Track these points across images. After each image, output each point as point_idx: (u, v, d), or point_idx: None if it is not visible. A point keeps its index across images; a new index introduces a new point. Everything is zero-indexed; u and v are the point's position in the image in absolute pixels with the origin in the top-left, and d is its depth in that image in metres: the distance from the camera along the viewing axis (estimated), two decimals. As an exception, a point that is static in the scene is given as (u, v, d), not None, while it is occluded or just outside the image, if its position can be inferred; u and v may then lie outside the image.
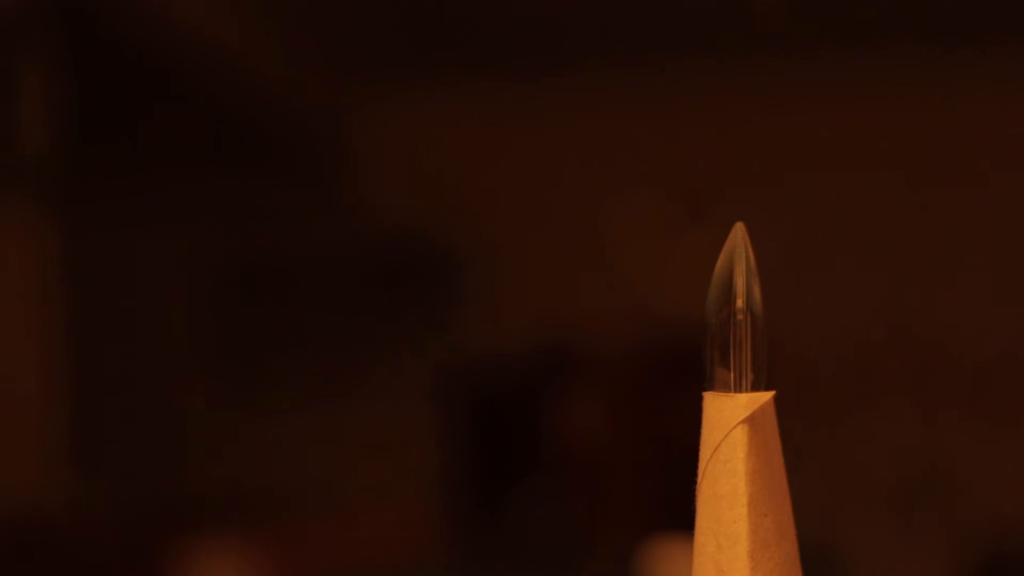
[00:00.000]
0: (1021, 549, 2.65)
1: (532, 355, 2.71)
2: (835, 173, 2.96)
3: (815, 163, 2.97)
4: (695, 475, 0.45)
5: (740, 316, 0.45)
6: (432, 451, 2.76)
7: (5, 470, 2.57)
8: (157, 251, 3.13)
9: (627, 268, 2.95)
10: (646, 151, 3.01)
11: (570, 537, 2.46)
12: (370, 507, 2.73)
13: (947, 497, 2.86)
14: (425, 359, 2.95)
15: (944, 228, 2.92)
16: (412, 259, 3.08)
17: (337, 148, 3.11)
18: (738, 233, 0.46)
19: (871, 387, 2.93)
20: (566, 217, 3.02)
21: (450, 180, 3.07)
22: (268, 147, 3.09)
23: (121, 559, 2.21)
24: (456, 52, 2.97)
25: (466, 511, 2.62)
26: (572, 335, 2.72)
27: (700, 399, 0.45)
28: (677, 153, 3.00)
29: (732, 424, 0.44)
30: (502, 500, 2.58)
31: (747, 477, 0.44)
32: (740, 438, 0.44)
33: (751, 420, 0.44)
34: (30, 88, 2.43)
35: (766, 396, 0.44)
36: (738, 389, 0.45)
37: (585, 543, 2.44)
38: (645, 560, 1.37)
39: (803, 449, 2.63)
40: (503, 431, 2.66)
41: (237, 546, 2.24)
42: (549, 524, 2.50)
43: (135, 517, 2.56)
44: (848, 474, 2.90)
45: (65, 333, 2.77)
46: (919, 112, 2.91)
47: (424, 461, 2.79)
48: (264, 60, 2.86)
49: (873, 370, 2.92)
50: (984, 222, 2.91)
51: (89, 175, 2.94)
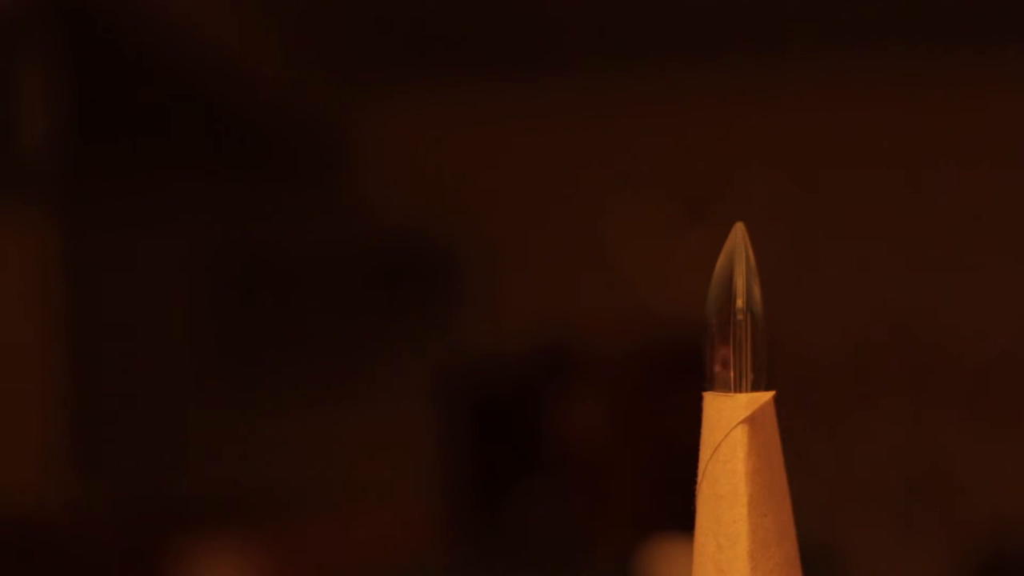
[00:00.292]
0: (1021, 549, 2.65)
1: (532, 355, 2.71)
2: (835, 173, 2.96)
3: (815, 163, 2.97)
4: (695, 475, 0.45)
5: (740, 316, 0.45)
6: (432, 451, 2.76)
7: (5, 470, 2.57)
8: (157, 251, 3.13)
9: (627, 268, 2.95)
10: (646, 151, 3.01)
11: (570, 537, 2.47)
12: (370, 507, 2.73)
13: (947, 497, 2.86)
14: (425, 359, 2.95)
15: (944, 228, 2.92)
16: (412, 259, 3.08)
17: (337, 148, 3.11)
18: (738, 233, 0.46)
19: (871, 387, 2.92)
20: (566, 217, 3.02)
21: (450, 180, 3.07)
22: (268, 147, 3.09)
23: (121, 559, 2.21)
24: (456, 52, 2.97)
25: (466, 511, 2.62)
26: (572, 335, 2.72)
27: (700, 399, 0.45)
28: (677, 153, 3.00)
29: (732, 424, 0.44)
30: (502, 500, 2.58)
31: (747, 477, 0.44)
32: (740, 438, 0.44)
33: (751, 420, 0.44)
34: (30, 88, 2.43)
35: (766, 396, 0.45)
36: (738, 389, 0.45)
37: (585, 543, 2.44)
38: (645, 560, 1.37)
39: (803, 449, 2.63)
40: (503, 431, 2.66)
41: (237, 546, 2.24)
42: (549, 524, 2.50)
43: (135, 517, 2.56)
44: (848, 474, 2.90)
45: (65, 333, 2.77)
46: (919, 112, 2.91)
47: (424, 461, 2.79)
48: (264, 60, 2.86)
49: (873, 370, 2.92)
50: (984, 222, 2.91)
51: (89, 175, 2.93)
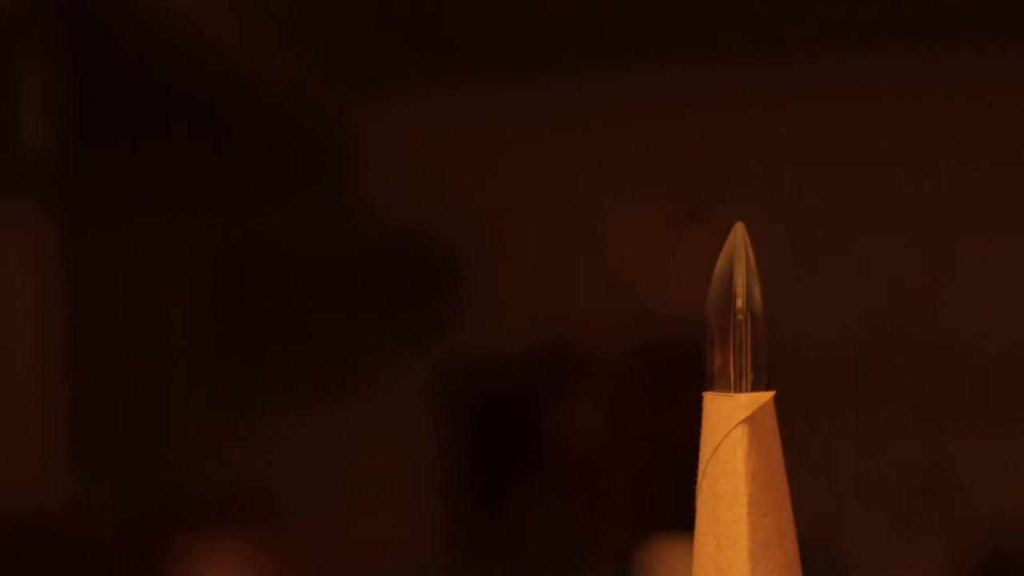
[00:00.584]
0: (1021, 549, 2.65)
1: (532, 355, 2.71)
2: (835, 173, 2.96)
3: (815, 163, 2.97)
4: (695, 475, 0.45)
5: (740, 316, 0.45)
6: (432, 451, 2.76)
7: (5, 470, 2.57)
8: (157, 251, 3.13)
9: (627, 268, 2.95)
10: (646, 151, 3.01)
11: (570, 537, 2.46)
12: (370, 507, 2.73)
13: (947, 497, 2.86)
14: (425, 359, 2.95)
15: (944, 228, 2.92)
16: (412, 259, 3.08)
17: (337, 148, 3.11)
18: (738, 233, 0.46)
19: (871, 387, 2.92)
20: (566, 217, 3.02)
21: (450, 180, 3.07)
22: (268, 147, 3.09)
23: (121, 559, 2.21)
24: (456, 52, 2.97)
25: (466, 511, 2.61)
26: (572, 335, 2.72)
27: (700, 399, 0.45)
28: (677, 153, 3.00)
29: (732, 424, 0.44)
30: (502, 500, 2.58)
31: (747, 477, 0.44)
32: (740, 438, 0.44)
33: (751, 420, 0.44)
34: (30, 88, 2.42)
35: (766, 396, 0.44)
36: (738, 389, 0.45)
37: (585, 543, 2.44)
38: (645, 560, 1.37)
39: (803, 449, 2.63)
40: (503, 431, 2.66)
41: (237, 546, 2.24)
42: (549, 524, 2.50)
43: (135, 517, 2.56)
44: (848, 474, 2.90)
45: (65, 333, 2.77)
46: (919, 112, 2.91)
47: (424, 461, 2.79)
48: (264, 60, 2.86)
49: (873, 370, 2.92)
50: (984, 222, 2.91)
51: (89, 175, 2.93)
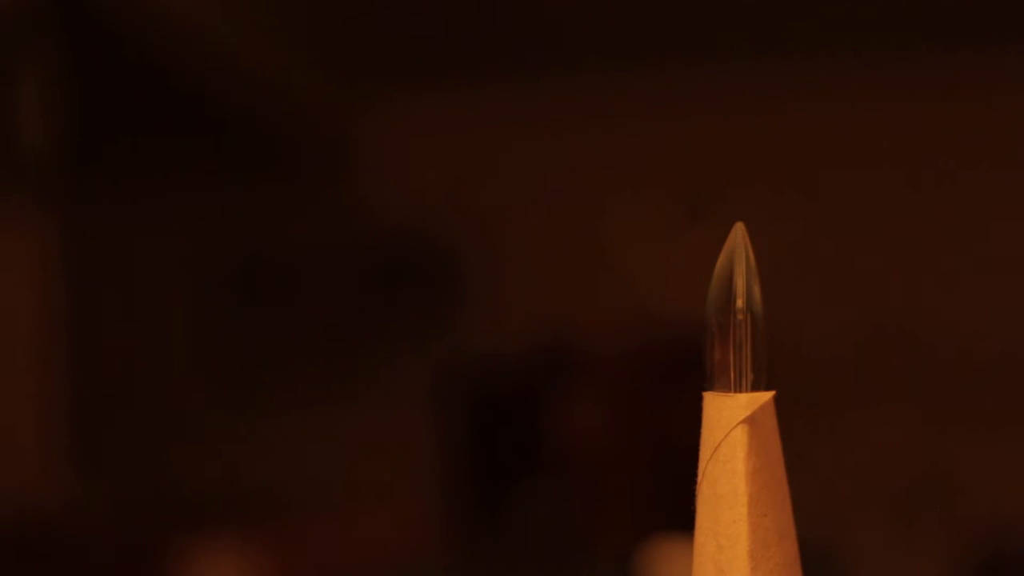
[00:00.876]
0: (1021, 549, 2.65)
1: (532, 355, 2.70)
2: (835, 173, 2.96)
3: (815, 163, 2.97)
4: (695, 475, 0.45)
5: (740, 316, 0.45)
6: (432, 451, 2.76)
7: (5, 470, 2.57)
8: (157, 251, 3.13)
9: (627, 268, 2.95)
10: (646, 151, 3.01)
11: (570, 537, 2.46)
12: (370, 507, 2.73)
13: (947, 497, 2.86)
14: (425, 359, 2.95)
15: (944, 228, 2.92)
16: (412, 259, 3.08)
17: (337, 148, 3.11)
18: (738, 233, 0.46)
19: (871, 387, 2.92)
20: (566, 217, 3.02)
21: (450, 180, 3.07)
22: (268, 147, 3.09)
23: (121, 559, 2.21)
24: (456, 53, 2.97)
25: (466, 511, 2.61)
26: (572, 335, 2.72)
27: (700, 399, 0.45)
28: (677, 153, 3.00)
29: (732, 424, 0.44)
30: (502, 500, 2.57)
31: (747, 477, 0.44)
32: (740, 438, 0.44)
33: (751, 420, 0.44)
34: (30, 88, 2.42)
35: (766, 396, 0.45)
36: (738, 389, 0.45)
37: (585, 543, 2.44)
38: (645, 560, 1.37)
39: (803, 449, 2.63)
40: (503, 431, 2.66)
41: (237, 546, 2.24)
42: (549, 524, 2.50)
43: (135, 517, 2.56)
44: (848, 474, 2.90)
45: (65, 333, 2.77)
46: (919, 112, 2.91)
47: (424, 461, 2.79)
48: (264, 60, 2.86)
49: (873, 370, 2.92)
50: (984, 222, 2.91)
51: (89, 175, 2.93)
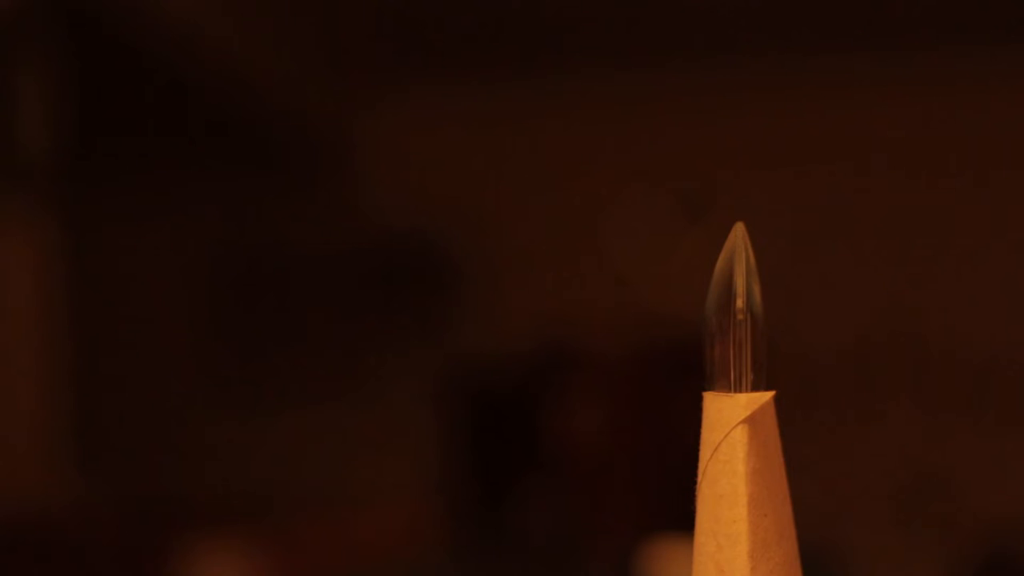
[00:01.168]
0: (1021, 549, 2.65)
1: (532, 355, 2.71)
2: (835, 173, 2.96)
3: (815, 163, 2.97)
4: (695, 475, 0.45)
5: (740, 316, 0.45)
6: (432, 451, 2.76)
7: (5, 470, 2.57)
8: (157, 250, 3.13)
9: (627, 268, 2.95)
10: (646, 151, 3.01)
11: (570, 537, 2.46)
12: (370, 507, 2.73)
13: (947, 497, 2.86)
14: (425, 359, 2.95)
15: (945, 228, 2.92)
16: (412, 259, 3.08)
17: (336, 148, 3.11)
18: (738, 233, 0.46)
19: (871, 387, 2.92)
20: (566, 217, 3.02)
21: (450, 180, 3.07)
22: (268, 146, 3.09)
23: (121, 559, 2.21)
24: (456, 52, 2.97)
25: (466, 511, 2.61)
26: (572, 335, 2.72)
27: (700, 399, 0.45)
28: (677, 153, 3.00)
29: (732, 424, 0.44)
30: (502, 500, 2.58)
31: (747, 477, 0.44)
32: (740, 438, 0.44)
33: (751, 420, 0.44)
34: (30, 88, 2.42)
35: (766, 396, 0.44)
36: (738, 389, 0.45)
37: (585, 543, 2.44)
38: (645, 560, 1.37)
39: (803, 449, 2.63)
40: (503, 431, 2.66)
41: (237, 546, 2.24)
42: (549, 524, 2.50)
43: (135, 517, 2.56)
44: (848, 474, 2.90)
45: (65, 333, 2.77)
46: (919, 112, 2.91)
47: (424, 461, 2.79)
48: (264, 60, 2.86)
49: (873, 370, 2.92)
50: (985, 222, 2.91)
51: (89, 174, 2.93)
